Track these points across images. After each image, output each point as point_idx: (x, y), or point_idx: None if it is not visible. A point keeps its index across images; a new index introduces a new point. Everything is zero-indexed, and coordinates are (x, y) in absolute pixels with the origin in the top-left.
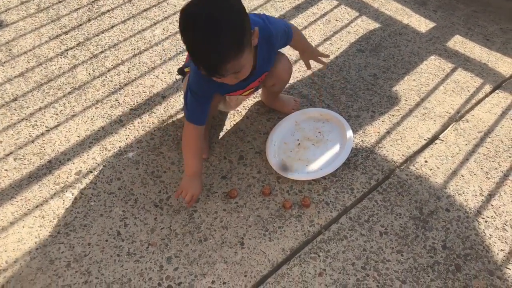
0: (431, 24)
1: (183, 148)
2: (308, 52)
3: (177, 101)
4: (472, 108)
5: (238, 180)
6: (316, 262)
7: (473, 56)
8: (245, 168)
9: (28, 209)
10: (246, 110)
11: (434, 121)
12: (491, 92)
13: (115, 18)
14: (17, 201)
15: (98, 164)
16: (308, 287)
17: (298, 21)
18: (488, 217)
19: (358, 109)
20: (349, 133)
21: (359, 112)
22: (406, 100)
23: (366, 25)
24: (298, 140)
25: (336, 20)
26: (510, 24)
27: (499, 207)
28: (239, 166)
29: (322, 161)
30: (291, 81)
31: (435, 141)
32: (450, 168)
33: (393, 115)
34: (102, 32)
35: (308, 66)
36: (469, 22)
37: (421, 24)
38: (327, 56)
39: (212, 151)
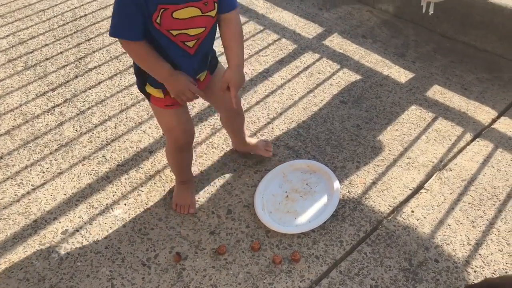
0: (411, 75)
1: (143, 66)
2: (231, 69)
3: (164, 156)
4: (454, 156)
5: (226, 236)
6: None
7: (452, 105)
8: (233, 223)
9: (12, 272)
10: (234, 163)
11: (418, 170)
12: (472, 141)
13: (102, 74)
14: (0, 264)
15: (85, 223)
16: None
17: (282, 75)
18: (477, 267)
19: (343, 160)
20: (336, 184)
21: (344, 162)
22: (390, 150)
23: (347, 77)
24: (286, 192)
25: (319, 73)
26: (486, 73)
27: (487, 256)
28: (228, 221)
29: (310, 213)
30: (277, 133)
31: (420, 191)
32: (437, 218)
33: (378, 165)
34: (89, 89)
35: (222, 88)
36: (447, 72)
37: (401, 75)
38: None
39: (199, 205)
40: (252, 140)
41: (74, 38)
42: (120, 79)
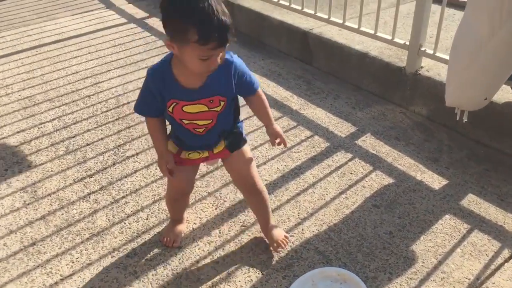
0: (444, 181)
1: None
2: (269, 128)
3: (192, 253)
4: (491, 274)
5: None
6: None
7: (488, 217)
8: None
9: None
10: (261, 265)
11: (454, 287)
12: (510, 258)
13: (139, 162)
14: None
15: None
16: None
17: (313, 173)
18: None
19: (375, 270)
20: None
21: (376, 273)
22: (424, 262)
23: (380, 179)
24: None
25: (351, 173)
26: None
27: None
28: None
29: None
30: (308, 235)
31: None
32: None
33: (410, 278)
34: (125, 177)
35: (272, 142)
36: (482, 180)
37: (434, 181)
38: (283, 144)
39: None
40: (272, 229)
41: (116, 125)
42: (156, 169)
